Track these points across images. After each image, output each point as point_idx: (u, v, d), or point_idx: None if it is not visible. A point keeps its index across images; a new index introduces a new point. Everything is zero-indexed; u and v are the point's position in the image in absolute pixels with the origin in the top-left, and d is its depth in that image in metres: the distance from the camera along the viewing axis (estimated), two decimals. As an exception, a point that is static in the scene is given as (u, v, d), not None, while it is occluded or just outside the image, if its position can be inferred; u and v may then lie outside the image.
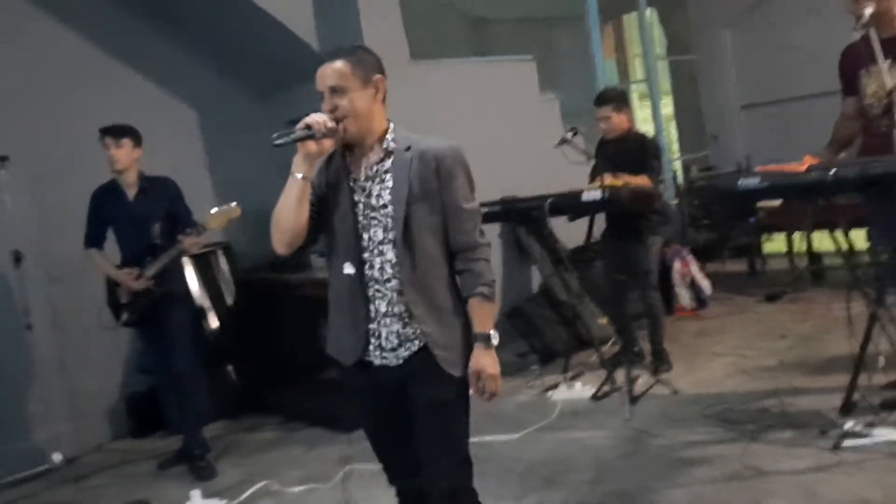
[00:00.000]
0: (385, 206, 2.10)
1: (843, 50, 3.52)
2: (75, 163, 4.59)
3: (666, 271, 5.80)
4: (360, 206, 2.12)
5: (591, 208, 4.33)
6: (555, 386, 4.55)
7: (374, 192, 2.11)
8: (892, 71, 3.11)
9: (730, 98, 7.53)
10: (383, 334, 2.11)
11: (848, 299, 3.19)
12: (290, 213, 2.07)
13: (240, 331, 5.19)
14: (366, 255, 2.11)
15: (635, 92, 9.00)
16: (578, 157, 4.37)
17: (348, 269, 2.11)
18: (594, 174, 4.46)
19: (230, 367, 5.13)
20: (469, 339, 2.13)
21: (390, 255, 2.09)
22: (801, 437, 3.31)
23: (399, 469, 2.24)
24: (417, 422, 2.12)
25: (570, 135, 4.37)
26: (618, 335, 4.80)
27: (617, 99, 4.49)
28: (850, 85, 3.44)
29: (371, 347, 2.13)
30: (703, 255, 6.45)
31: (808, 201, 3.31)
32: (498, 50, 6.53)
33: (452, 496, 2.11)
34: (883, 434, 3.11)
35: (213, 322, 5.16)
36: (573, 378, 4.64)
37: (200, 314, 5.10)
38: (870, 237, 3.99)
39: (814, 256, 6.09)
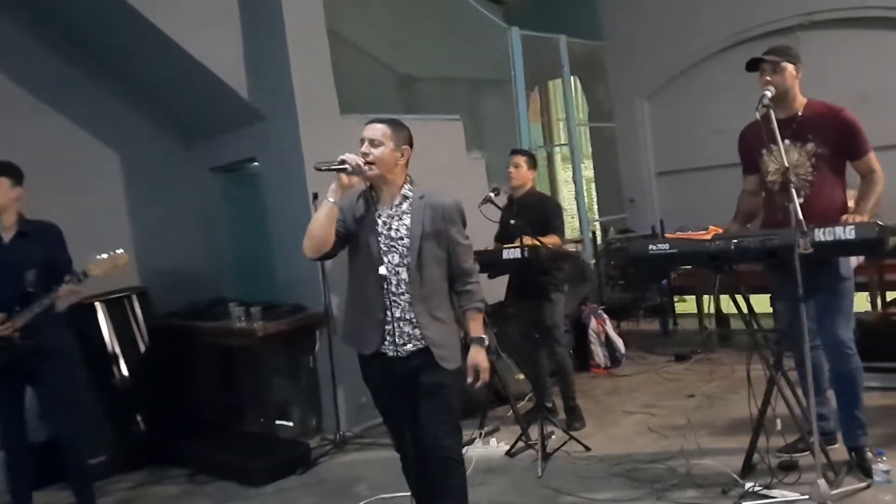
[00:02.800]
0: (402, 238, 2.78)
1: (741, 131, 3.74)
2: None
3: (583, 329, 5.97)
4: (382, 236, 2.78)
5: (511, 266, 4.43)
6: (470, 441, 4.56)
7: (394, 227, 2.79)
8: (791, 150, 3.34)
9: (646, 164, 7.85)
10: (396, 333, 2.76)
11: (748, 362, 3.35)
12: (320, 227, 2.70)
13: (151, 379, 5.02)
14: (409, 272, 2.77)
15: (558, 154, 9.32)
16: (498, 216, 4.50)
17: (382, 270, 2.75)
18: (502, 235, 4.63)
19: (138, 417, 4.95)
20: (458, 342, 2.86)
21: (404, 275, 2.77)
22: (704, 497, 3.43)
23: (403, 437, 2.83)
24: (421, 399, 2.77)
25: (492, 194, 4.49)
26: (533, 391, 4.88)
27: (528, 154, 4.80)
28: (752, 164, 3.67)
29: (387, 342, 2.78)
30: (618, 314, 6.67)
31: (713, 268, 3.47)
32: (425, 108, 6.68)
33: (447, 452, 2.76)
34: (780, 495, 3.25)
35: (123, 369, 4.99)
36: (489, 434, 4.68)
37: (106, 363, 4.94)
38: (772, 303, 4.22)
39: (721, 319, 6.36)
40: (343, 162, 2.66)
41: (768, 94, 3.26)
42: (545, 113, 9.46)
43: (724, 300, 6.25)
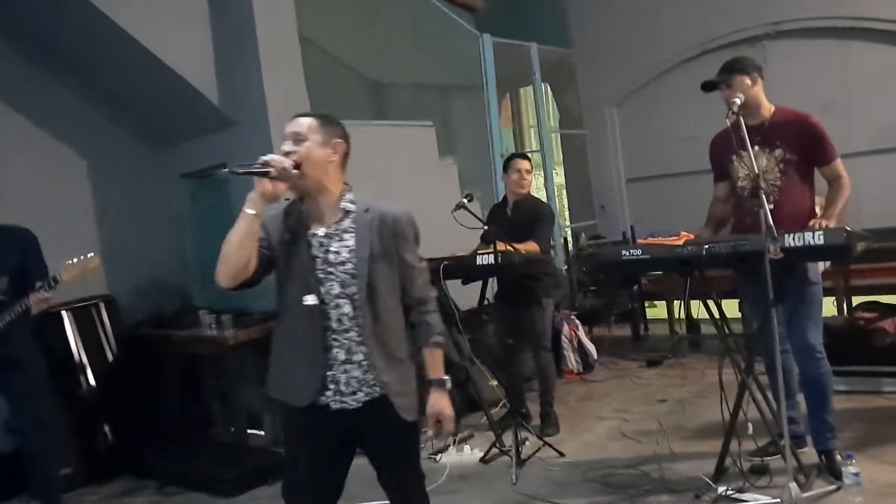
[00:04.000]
0: (343, 262, 2.24)
1: (712, 139, 3.81)
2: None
3: (556, 335, 5.98)
4: (318, 260, 2.24)
5: (484, 272, 4.44)
6: (444, 448, 4.55)
7: (333, 249, 2.25)
8: (760, 156, 3.40)
9: (616, 171, 7.93)
10: (342, 380, 2.25)
11: (720, 367, 3.38)
12: (235, 246, 2.15)
13: (118, 388, 4.93)
14: (322, 306, 2.23)
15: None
16: (473, 221, 4.50)
17: (310, 300, 2.21)
18: (486, 238, 4.61)
19: (106, 428, 4.85)
20: (418, 385, 2.34)
21: (347, 308, 2.24)
22: (678, 501, 3.46)
23: (322, 500, 2.35)
24: (378, 457, 2.35)
25: (465, 200, 4.49)
26: (507, 397, 4.88)
27: (530, 159, 4.80)
28: (722, 170, 3.72)
29: (329, 392, 2.25)
30: (590, 319, 6.72)
31: (683, 274, 3.50)
32: (396, 114, 6.68)
33: None
34: (752, 499, 3.28)
35: (90, 379, 4.89)
36: (462, 441, 4.66)
37: (72, 372, 4.83)
38: (741, 308, 4.28)
39: (692, 324, 6.43)
40: (266, 164, 2.14)
41: (737, 101, 3.31)
42: (516, 119, 9.50)
43: (695, 305, 6.38)
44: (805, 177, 3.49)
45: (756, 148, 3.35)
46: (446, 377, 2.35)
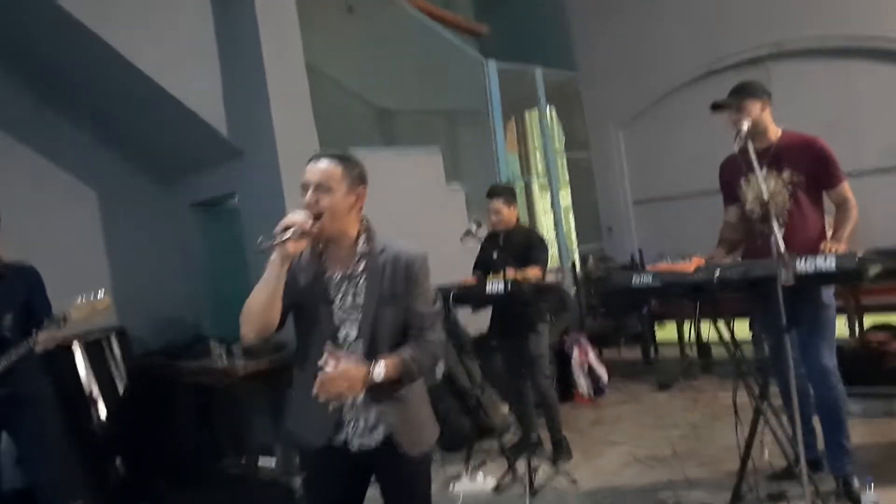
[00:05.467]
0: (358, 307, 2.26)
1: (721, 163, 3.81)
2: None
3: (566, 359, 5.96)
4: (336, 304, 2.27)
5: (494, 300, 4.42)
6: (457, 477, 4.53)
7: (350, 293, 2.29)
8: (768, 178, 3.40)
9: (623, 193, 7.93)
10: (360, 420, 2.29)
11: (734, 392, 3.35)
12: (262, 307, 2.17)
13: (130, 421, 4.93)
14: (363, 344, 2.26)
15: (536, 184, 9.38)
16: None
17: (322, 361, 2.17)
18: (481, 265, 4.61)
19: (117, 460, 4.84)
20: (418, 420, 2.35)
21: (363, 349, 2.25)
22: (695, 529, 3.43)
23: None
24: (389, 492, 2.35)
25: (474, 227, 4.50)
26: (518, 424, 4.85)
27: (506, 193, 4.65)
28: (732, 194, 3.72)
29: (349, 431, 2.29)
30: (600, 341, 6.69)
31: (695, 300, 3.49)
32: (403, 141, 6.72)
33: None
34: (770, 525, 3.25)
35: (101, 412, 4.89)
36: (475, 468, 4.63)
37: (84, 406, 4.83)
38: (752, 327, 4.25)
39: (702, 346, 6.39)
40: (286, 229, 2.12)
41: (745, 126, 3.32)
42: (522, 143, 9.53)
43: (705, 327, 6.35)
44: (814, 199, 3.49)
45: (764, 171, 3.36)
46: (380, 369, 2.19)
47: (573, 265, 7.36)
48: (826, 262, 2.99)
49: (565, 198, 8.44)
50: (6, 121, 5.05)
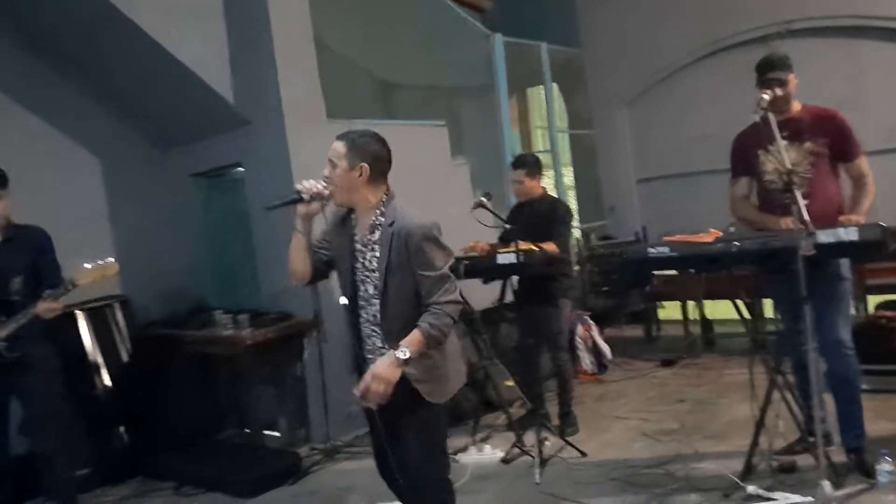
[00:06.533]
0: (374, 271, 2.59)
1: (736, 136, 3.79)
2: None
3: (570, 335, 5.95)
4: (359, 264, 2.63)
5: (505, 271, 4.40)
6: (464, 448, 4.52)
7: (368, 257, 2.61)
8: (789, 149, 3.38)
9: (626, 172, 7.90)
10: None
11: (751, 364, 3.35)
12: (292, 258, 2.68)
13: (133, 389, 4.89)
14: (362, 302, 2.64)
15: (537, 162, 9.33)
16: (492, 220, 4.48)
17: (343, 300, 2.68)
18: (507, 237, 4.58)
19: (122, 428, 4.81)
20: (441, 373, 2.60)
21: (378, 307, 2.60)
22: (706, 500, 3.43)
23: (380, 458, 2.75)
24: (401, 431, 2.61)
25: (484, 199, 4.46)
26: (527, 397, 4.85)
27: (531, 165, 4.67)
28: (746, 166, 3.70)
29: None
30: (602, 320, 6.68)
31: (712, 271, 3.47)
32: (407, 115, 6.65)
33: (423, 486, 2.63)
34: (783, 497, 3.25)
35: (105, 380, 4.85)
36: (482, 440, 4.63)
37: (87, 374, 4.79)
38: (752, 308, 4.24)
39: (706, 324, 6.40)
40: (298, 193, 2.56)
41: (766, 97, 3.30)
42: (523, 120, 9.49)
43: (708, 305, 6.37)
44: (833, 172, 3.50)
45: (785, 142, 3.34)
46: (405, 349, 2.45)
47: (576, 243, 7.33)
48: (847, 233, 2.99)
49: (567, 176, 8.41)
50: (5, 84, 4.94)
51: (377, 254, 2.56)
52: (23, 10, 4.92)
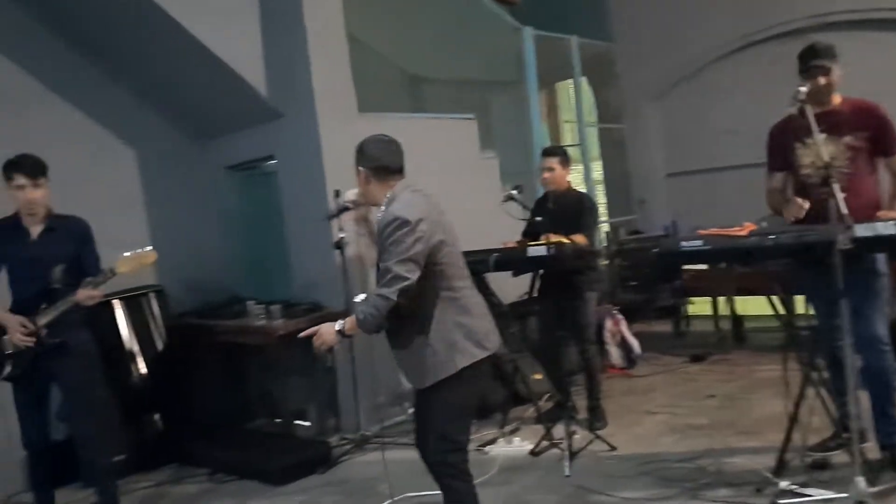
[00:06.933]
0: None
1: (771, 128, 3.74)
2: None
3: (598, 329, 5.93)
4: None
5: (535, 264, 4.40)
6: (493, 441, 4.54)
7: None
8: (827, 143, 3.34)
9: (655, 166, 7.87)
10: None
11: (785, 359, 3.32)
12: (368, 257, 3.01)
13: (169, 377, 4.98)
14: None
15: (566, 156, 9.31)
16: (521, 213, 4.49)
17: (359, 298, 3.05)
18: (534, 230, 4.59)
19: (156, 416, 4.90)
20: (426, 361, 2.77)
21: None
22: (738, 495, 3.40)
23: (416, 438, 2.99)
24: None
25: (515, 192, 4.47)
26: (555, 390, 4.86)
27: (563, 154, 4.73)
28: (783, 159, 3.65)
29: None
30: (630, 314, 6.64)
31: (746, 265, 3.44)
32: (436, 108, 6.66)
33: (432, 465, 2.85)
34: (817, 493, 3.23)
35: (140, 368, 4.94)
36: (511, 433, 4.65)
37: (124, 361, 4.89)
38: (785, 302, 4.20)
39: (737, 319, 6.35)
40: (345, 202, 3.13)
41: (803, 89, 3.25)
42: (552, 114, 9.47)
43: (739, 300, 6.31)
44: (871, 166, 3.44)
45: (823, 135, 3.30)
46: (342, 322, 2.79)
47: (605, 238, 7.31)
48: (886, 228, 2.95)
49: (596, 170, 8.38)
50: (48, 78, 5.05)
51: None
52: (68, 8, 5.03)
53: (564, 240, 4.20)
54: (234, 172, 5.88)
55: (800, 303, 3.87)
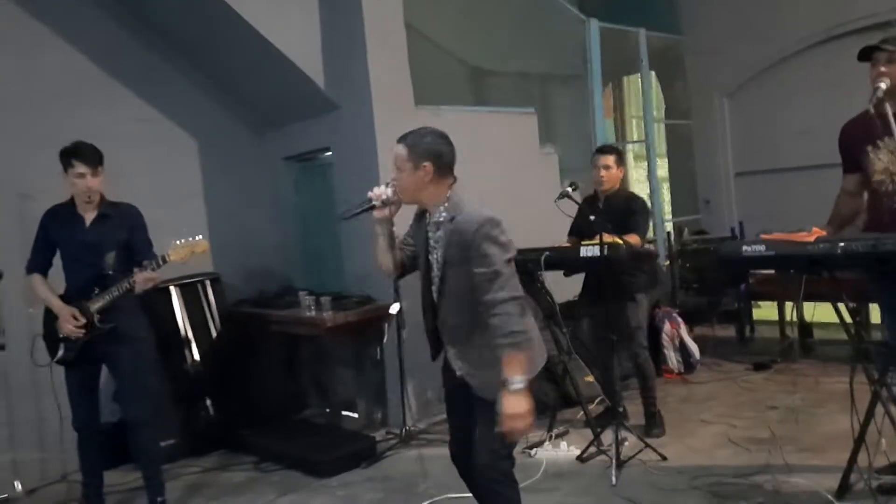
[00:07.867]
0: (439, 265, 2.64)
1: (843, 127, 3.50)
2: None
3: (655, 333, 5.75)
4: (431, 258, 2.69)
5: (588, 265, 4.26)
6: (539, 443, 4.44)
7: (436, 256, 2.66)
8: (903, 146, 3.11)
9: (724, 164, 7.57)
10: (451, 354, 2.73)
11: (852, 375, 3.11)
12: (377, 258, 2.79)
13: (221, 364, 5.04)
14: (436, 298, 2.68)
15: (630, 152, 9.08)
16: (575, 211, 4.37)
17: (393, 309, 2.95)
18: (576, 231, 4.48)
19: (208, 402, 4.96)
20: (495, 373, 2.47)
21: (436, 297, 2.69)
22: (796, 517, 3.23)
23: (454, 443, 2.85)
24: (474, 419, 2.68)
25: (570, 189, 4.34)
26: (605, 394, 4.72)
27: (618, 153, 4.61)
28: (854, 161, 3.42)
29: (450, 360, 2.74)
30: (692, 318, 6.42)
31: (812, 273, 3.23)
32: (496, 101, 6.55)
33: (484, 474, 2.66)
34: (881, 519, 3.03)
35: (194, 354, 5.01)
36: (558, 436, 4.54)
37: (178, 347, 4.96)
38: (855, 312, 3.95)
39: (804, 328, 6.06)
40: (369, 200, 2.65)
41: (883, 86, 3.03)
42: (618, 109, 9.22)
43: (808, 307, 6.01)
44: (953, 173, 3.18)
45: (899, 138, 3.07)
46: (516, 378, 2.40)
47: (667, 237, 7.07)
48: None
49: (661, 167, 8.12)
50: (114, 67, 5.15)
51: (440, 251, 2.62)
52: (150, 12, 5.17)
53: (618, 240, 4.05)
54: (292, 163, 5.91)
55: (874, 312, 3.65)
